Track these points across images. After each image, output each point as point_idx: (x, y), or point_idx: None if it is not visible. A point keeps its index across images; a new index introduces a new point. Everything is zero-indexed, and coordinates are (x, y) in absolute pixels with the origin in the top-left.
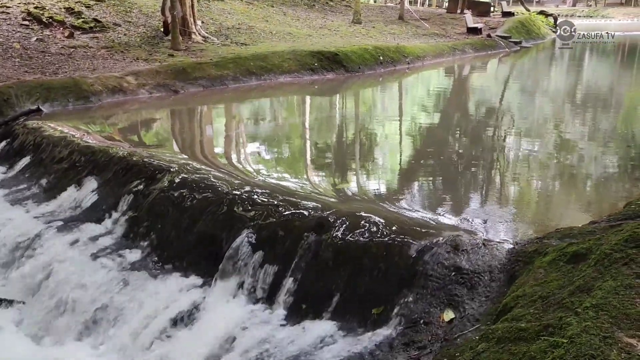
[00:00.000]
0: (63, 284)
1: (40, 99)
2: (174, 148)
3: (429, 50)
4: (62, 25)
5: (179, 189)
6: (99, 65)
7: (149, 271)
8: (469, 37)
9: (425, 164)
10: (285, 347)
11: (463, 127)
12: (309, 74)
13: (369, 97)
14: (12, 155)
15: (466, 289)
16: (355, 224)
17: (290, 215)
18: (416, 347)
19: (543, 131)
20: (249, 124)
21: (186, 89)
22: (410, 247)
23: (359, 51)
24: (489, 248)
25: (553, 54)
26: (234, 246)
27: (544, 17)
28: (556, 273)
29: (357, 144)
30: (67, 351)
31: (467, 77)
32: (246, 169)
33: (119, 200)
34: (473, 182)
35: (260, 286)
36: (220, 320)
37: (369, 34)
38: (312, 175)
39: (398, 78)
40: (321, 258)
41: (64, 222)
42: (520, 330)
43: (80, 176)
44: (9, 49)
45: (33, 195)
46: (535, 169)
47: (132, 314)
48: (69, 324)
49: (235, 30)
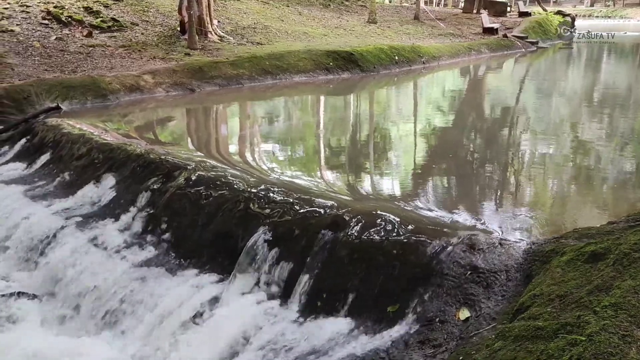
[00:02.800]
0: (82, 279)
1: (60, 97)
2: (190, 146)
3: (444, 50)
4: (81, 25)
5: (195, 186)
6: (117, 64)
7: (166, 267)
8: (485, 37)
9: (440, 163)
10: (301, 343)
11: (478, 127)
12: (324, 73)
13: (384, 97)
14: (32, 152)
15: (482, 288)
16: (370, 222)
17: (306, 213)
18: (432, 346)
19: (560, 132)
20: (265, 123)
21: (202, 87)
22: (425, 245)
23: (375, 51)
24: (506, 247)
25: (570, 54)
26: (250, 243)
27: (561, 17)
28: (574, 272)
29: (371, 144)
30: (85, 344)
31: (483, 78)
32: (262, 167)
33: (136, 197)
34: (489, 182)
35: (276, 283)
36: (237, 316)
37: (384, 34)
38: (327, 174)
39: (413, 78)
40: (336, 256)
41: (83, 217)
42: (538, 328)
43: (99, 173)
44: (29, 48)
45: (53, 192)
46: (551, 169)
47: (150, 308)
48: (87, 318)
49: (251, 30)
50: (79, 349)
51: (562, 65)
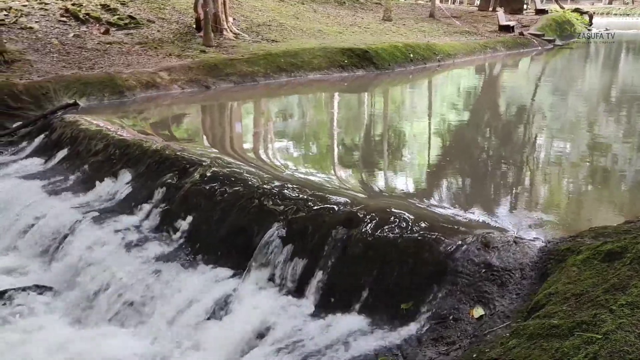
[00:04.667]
0: (98, 273)
1: (77, 94)
2: (205, 142)
3: (460, 48)
4: (98, 22)
5: (210, 182)
6: (133, 61)
7: (181, 262)
8: (501, 35)
9: (455, 161)
10: (315, 338)
11: (493, 125)
12: (339, 71)
13: (398, 94)
14: (51, 147)
15: (496, 286)
16: (384, 219)
17: (320, 209)
18: (445, 343)
19: (576, 131)
20: (279, 120)
21: (217, 85)
22: (440, 243)
23: (389, 48)
24: (520, 246)
25: (588, 52)
26: (264, 239)
27: (578, 14)
28: (590, 271)
29: (385, 141)
30: (102, 337)
31: (499, 76)
32: (275, 164)
33: (152, 193)
34: (504, 180)
35: (290, 279)
36: (251, 311)
37: (399, 32)
38: (341, 171)
39: (428, 76)
40: (350, 252)
41: (100, 212)
42: (553, 327)
43: (115, 168)
44: (48, 45)
45: (70, 187)
46: (568, 168)
47: (165, 303)
48: (103, 311)
49: (266, 27)
50: (94, 342)
51: (579, 63)
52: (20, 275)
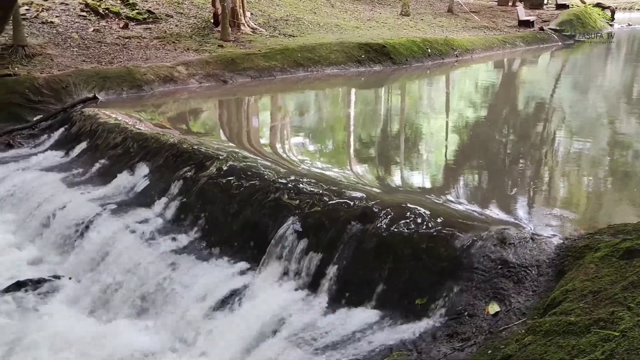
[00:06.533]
0: (116, 265)
1: (97, 87)
2: (222, 136)
3: (478, 43)
4: (118, 17)
5: (227, 176)
6: (152, 55)
7: (198, 254)
8: (521, 30)
9: (472, 157)
10: (329, 333)
11: (511, 122)
12: (356, 66)
13: (415, 90)
14: (70, 140)
15: (512, 283)
16: (400, 214)
17: (335, 204)
18: (460, 339)
19: (596, 128)
20: (296, 115)
21: (235, 79)
22: (455, 239)
23: (407, 43)
24: (537, 242)
25: (609, 48)
26: (279, 233)
27: (600, 9)
28: (608, 269)
29: (402, 137)
30: (118, 327)
31: (517, 71)
32: (291, 158)
33: (169, 186)
34: (522, 177)
35: (305, 273)
36: (266, 304)
37: (417, 27)
38: (356, 166)
39: (446, 71)
40: (365, 247)
41: (118, 205)
42: (570, 323)
43: (133, 162)
44: (68, 39)
45: (89, 179)
46: (586, 165)
47: (181, 295)
48: (120, 303)
49: (283, 22)
50: (110, 332)
51: (600, 59)
52: (40, 265)
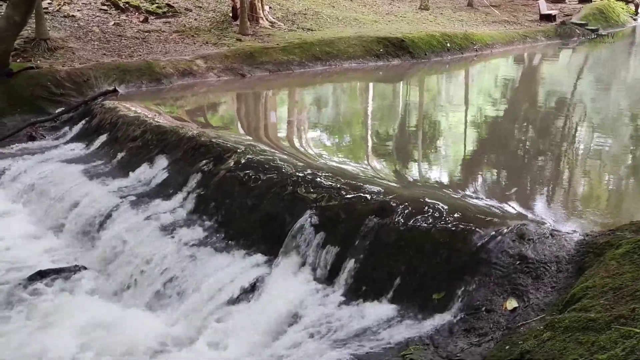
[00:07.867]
0: (135, 255)
1: (117, 81)
2: (240, 130)
3: (498, 38)
4: (138, 11)
5: (245, 169)
6: (171, 48)
7: (215, 246)
8: (542, 24)
9: (491, 153)
10: (346, 326)
11: (531, 117)
12: (374, 60)
13: (434, 84)
14: (91, 133)
15: (531, 279)
16: (418, 209)
17: (353, 198)
18: (477, 334)
19: (617, 124)
20: (313, 109)
21: (253, 73)
22: (473, 234)
23: (426, 38)
24: (557, 238)
25: (633, 42)
26: (296, 226)
27: (623, 3)
28: (630, 265)
29: (420, 131)
30: (137, 316)
31: (538, 66)
32: (309, 152)
33: (187, 179)
34: (541, 173)
35: (322, 266)
36: (283, 296)
37: (436, 21)
38: (374, 161)
39: (465, 65)
40: (382, 242)
41: (137, 197)
42: (590, 320)
43: (152, 154)
44: (89, 33)
45: (109, 171)
46: (607, 162)
47: (199, 286)
48: (139, 292)
49: (302, 16)
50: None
51: (623, 54)
52: (61, 256)
